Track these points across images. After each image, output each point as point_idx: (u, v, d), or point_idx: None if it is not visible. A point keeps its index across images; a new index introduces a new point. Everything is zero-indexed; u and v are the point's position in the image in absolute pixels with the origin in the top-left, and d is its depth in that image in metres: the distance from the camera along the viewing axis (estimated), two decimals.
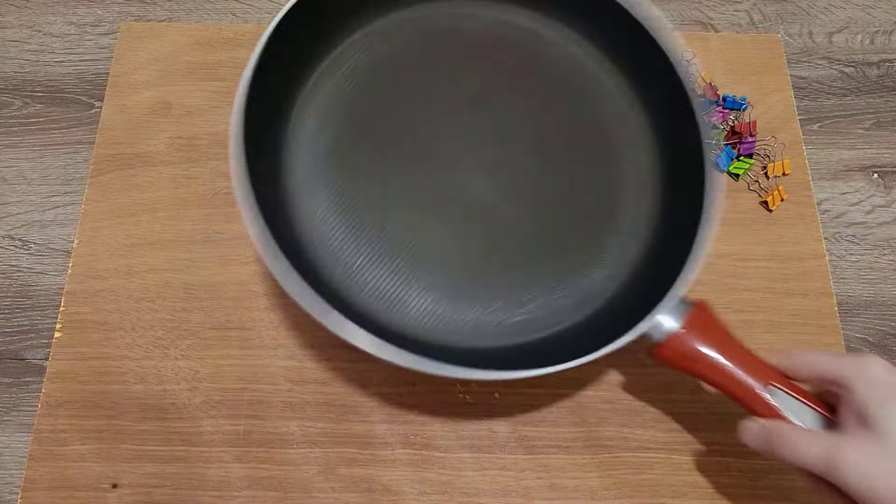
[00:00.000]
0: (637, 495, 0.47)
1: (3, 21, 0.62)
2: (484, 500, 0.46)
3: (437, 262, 0.45)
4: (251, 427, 0.48)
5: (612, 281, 0.46)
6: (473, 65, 0.50)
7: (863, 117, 0.60)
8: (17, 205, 0.55)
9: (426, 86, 0.49)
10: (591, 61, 0.50)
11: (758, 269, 0.53)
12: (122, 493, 0.46)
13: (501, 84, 0.49)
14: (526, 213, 0.47)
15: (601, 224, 0.47)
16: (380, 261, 0.44)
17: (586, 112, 0.49)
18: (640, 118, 0.49)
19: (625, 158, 0.48)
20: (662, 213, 0.47)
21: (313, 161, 0.46)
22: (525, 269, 0.45)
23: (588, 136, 0.49)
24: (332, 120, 0.47)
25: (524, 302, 0.45)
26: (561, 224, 0.47)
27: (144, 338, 0.50)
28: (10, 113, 0.58)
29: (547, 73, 0.50)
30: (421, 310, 0.44)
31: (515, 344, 0.45)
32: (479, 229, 0.46)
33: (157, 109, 0.57)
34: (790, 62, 0.62)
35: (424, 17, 0.50)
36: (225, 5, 0.63)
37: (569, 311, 0.45)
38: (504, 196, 0.47)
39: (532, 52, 0.51)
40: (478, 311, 0.45)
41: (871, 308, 0.54)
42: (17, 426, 0.49)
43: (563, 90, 0.50)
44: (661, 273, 0.43)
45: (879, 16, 0.65)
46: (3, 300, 0.52)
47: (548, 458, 0.48)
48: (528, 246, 0.46)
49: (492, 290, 0.45)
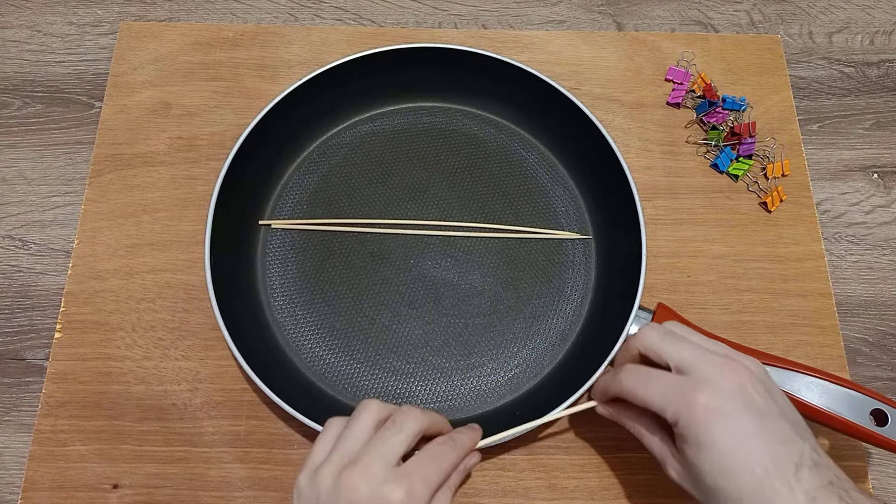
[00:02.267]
0: (637, 495, 0.47)
1: (3, 21, 0.62)
2: (484, 500, 0.47)
3: (425, 349, 0.49)
4: (252, 428, 0.48)
5: (579, 311, 0.51)
6: (407, 159, 0.55)
7: (863, 117, 0.60)
8: (17, 205, 0.55)
9: (368, 191, 0.54)
10: (484, 124, 0.56)
11: (757, 269, 0.53)
12: (123, 494, 0.46)
13: (434, 171, 0.55)
14: (487, 280, 0.51)
15: (555, 266, 0.52)
16: (374, 366, 0.49)
17: (508, 170, 0.55)
18: (559, 167, 0.55)
19: (557, 200, 0.54)
20: (604, 240, 0.52)
21: (288, 293, 0.50)
22: (500, 330, 0.50)
23: (519, 190, 0.54)
24: (293, 251, 0.52)
25: (509, 357, 0.49)
26: (519, 278, 0.51)
27: (145, 338, 0.50)
28: (10, 113, 0.58)
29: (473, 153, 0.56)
30: (425, 396, 0.48)
31: (517, 397, 0.48)
32: (451, 307, 0.50)
33: (157, 109, 0.57)
34: (790, 62, 0.62)
35: (348, 127, 0.56)
36: (225, 5, 0.63)
37: (550, 353, 0.49)
38: (462, 270, 0.51)
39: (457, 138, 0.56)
40: (473, 380, 0.49)
41: (870, 308, 0.54)
42: (18, 426, 0.49)
43: (482, 159, 0.55)
44: (615, 291, 0.48)
45: (879, 16, 0.65)
46: (3, 300, 0.52)
47: (547, 459, 0.48)
48: (497, 308, 0.50)
49: (478, 357, 0.49)
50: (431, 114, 0.57)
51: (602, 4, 0.64)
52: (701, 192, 0.56)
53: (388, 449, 0.34)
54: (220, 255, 0.47)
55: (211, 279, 0.45)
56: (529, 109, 0.55)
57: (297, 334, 0.49)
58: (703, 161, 0.57)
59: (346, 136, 0.56)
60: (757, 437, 0.35)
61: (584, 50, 0.61)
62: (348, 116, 0.56)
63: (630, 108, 0.58)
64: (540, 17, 0.64)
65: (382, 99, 0.56)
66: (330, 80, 0.52)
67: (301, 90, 0.51)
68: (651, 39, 0.61)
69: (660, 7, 0.64)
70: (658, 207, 0.55)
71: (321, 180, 0.54)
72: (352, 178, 0.54)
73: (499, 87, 0.54)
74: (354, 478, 0.33)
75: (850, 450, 0.48)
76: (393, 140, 0.56)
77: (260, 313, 0.50)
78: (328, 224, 0.52)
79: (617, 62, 0.60)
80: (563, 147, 0.55)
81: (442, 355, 0.49)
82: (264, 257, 0.52)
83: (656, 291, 0.52)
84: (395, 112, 0.57)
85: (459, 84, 0.55)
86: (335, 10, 0.63)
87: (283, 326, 0.50)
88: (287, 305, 0.50)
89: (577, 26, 0.63)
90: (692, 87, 0.59)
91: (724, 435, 0.35)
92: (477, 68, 0.53)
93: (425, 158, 0.55)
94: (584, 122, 0.51)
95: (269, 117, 0.50)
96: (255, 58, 0.59)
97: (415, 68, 0.54)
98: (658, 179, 0.56)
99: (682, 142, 0.57)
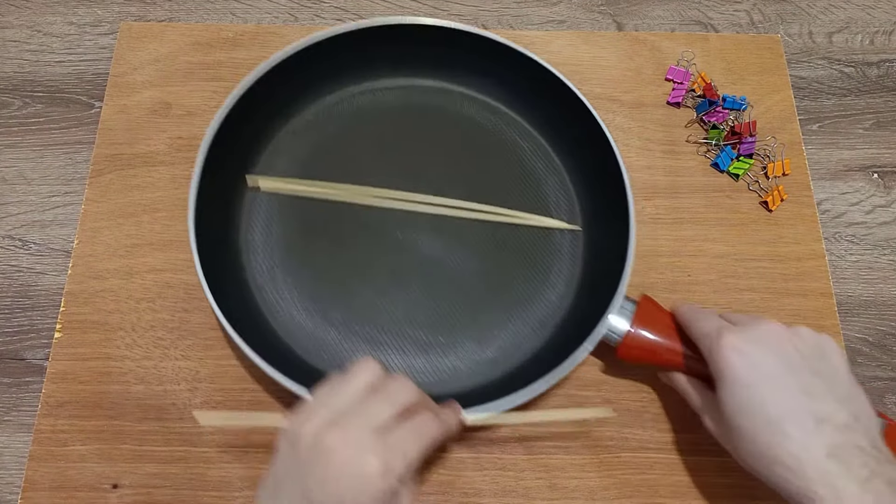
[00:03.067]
0: (637, 495, 0.47)
1: (3, 21, 0.62)
2: (484, 500, 0.47)
3: (405, 323, 0.49)
4: (251, 427, 0.48)
5: (563, 300, 0.51)
6: (400, 134, 0.55)
7: (863, 117, 0.60)
8: (17, 205, 0.55)
9: (360, 162, 0.54)
10: (481, 108, 0.56)
11: (757, 269, 0.53)
12: (123, 494, 0.46)
13: (430, 149, 0.55)
14: (473, 260, 0.51)
15: (542, 253, 0.52)
16: (350, 334, 0.49)
17: (503, 155, 0.55)
18: (549, 148, 0.55)
19: (549, 189, 0.54)
20: (593, 232, 0.52)
21: (270, 256, 0.51)
22: (483, 310, 0.50)
23: (511, 176, 0.54)
24: (279, 216, 0.52)
25: (490, 338, 0.49)
26: (506, 261, 0.52)
27: (145, 338, 0.50)
28: (10, 113, 0.58)
29: (464, 134, 0.56)
30: (402, 370, 0.48)
31: (495, 378, 0.48)
32: (435, 284, 0.50)
33: (157, 109, 0.57)
34: (790, 62, 0.62)
35: (346, 98, 0.56)
36: (225, 5, 0.63)
37: (530, 338, 0.50)
38: (449, 249, 0.51)
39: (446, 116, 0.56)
40: (452, 357, 0.49)
41: (870, 308, 0.54)
42: (18, 426, 0.49)
43: (478, 142, 0.55)
44: (600, 281, 0.48)
45: (879, 16, 0.65)
46: (3, 300, 0.52)
47: (548, 458, 0.48)
48: (481, 289, 0.50)
49: (459, 335, 0.49)
50: (432, 93, 0.57)
51: (602, 4, 0.64)
52: (701, 191, 0.56)
53: (373, 416, 0.34)
54: (206, 211, 0.46)
55: (194, 228, 0.45)
56: (529, 97, 0.55)
57: (275, 296, 0.49)
58: (704, 160, 0.57)
59: (346, 106, 0.56)
60: (779, 382, 0.37)
61: (584, 50, 0.61)
62: (350, 86, 0.56)
63: (630, 108, 0.58)
64: (540, 17, 0.64)
65: (385, 73, 0.56)
66: (332, 47, 0.52)
67: (303, 53, 0.51)
68: (651, 39, 0.61)
69: (660, 7, 0.64)
70: (658, 207, 0.55)
71: (316, 146, 0.54)
72: (348, 146, 0.54)
73: (499, 71, 0.54)
74: (335, 439, 0.33)
75: None
76: (392, 114, 0.56)
77: (240, 272, 0.50)
78: (319, 187, 0.52)
79: (617, 62, 0.60)
80: (559, 137, 0.55)
81: (421, 330, 0.49)
82: (250, 216, 0.52)
83: (656, 291, 0.52)
84: (396, 88, 0.57)
85: (462, 66, 0.55)
86: (335, 10, 0.63)
87: (262, 287, 0.50)
88: (268, 267, 0.50)
89: (577, 26, 0.63)
90: (692, 87, 0.59)
91: (747, 373, 0.37)
92: (475, 49, 0.53)
93: (422, 135, 0.55)
94: (581, 112, 0.51)
95: (269, 76, 0.50)
96: (255, 58, 0.59)
97: (418, 46, 0.54)
98: (658, 179, 0.56)
99: (683, 141, 0.57)
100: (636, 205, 0.55)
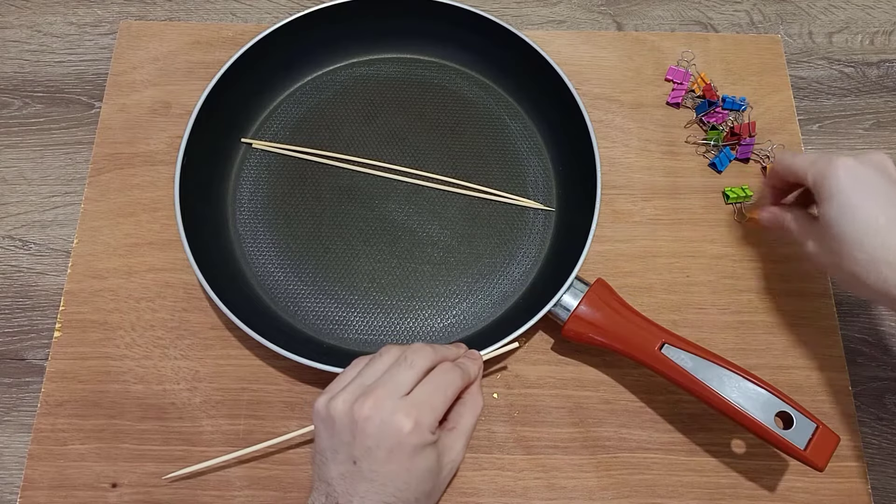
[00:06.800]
0: (635, 495, 0.47)
1: (3, 21, 0.62)
2: (482, 499, 0.47)
3: (370, 284, 0.52)
4: (251, 427, 0.48)
5: (527, 277, 0.52)
6: (386, 106, 0.57)
7: (863, 117, 0.60)
8: (17, 205, 0.55)
9: (347, 130, 0.56)
10: (475, 86, 0.58)
11: (756, 269, 0.53)
12: (122, 493, 0.46)
13: (417, 121, 0.57)
14: (445, 232, 0.53)
15: (513, 230, 0.53)
16: (319, 290, 0.51)
17: (489, 133, 0.56)
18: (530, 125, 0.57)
19: (529, 169, 0.55)
20: (565, 215, 0.54)
21: (254, 210, 0.53)
22: (446, 280, 0.52)
23: (494, 153, 0.56)
24: (267, 172, 0.55)
25: (449, 307, 0.51)
26: (476, 235, 0.53)
27: (144, 338, 0.50)
28: (10, 113, 0.58)
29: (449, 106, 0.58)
30: (361, 326, 0.51)
31: None
32: (403, 251, 0.53)
33: (156, 109, 0.57)
34: (790, 62, 0.62)
35: (345, 68, 0.58)
36: (225, 5, 0.63)
37: (489, 310, 0.51)
38: (422, 219, 0.53)
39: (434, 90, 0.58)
40: (410, 320, 0.51)
41: (870, 308, 0.54)
42: (18, 426, 0.49)
43: (467, 118, 0.57)
44: (563, 263, 0.49)
45: (879, 16, 0.65)
46: (3, 300, 0.52)
47: (546, 459, 0.48)
48: (449, 260, 0.52)
49: (419, 301, 0.51)
50: (426, 67, 0.59)
51: (602, 4, 0.64)
52: (700, 191, 0.56)
53: (398, 383, 0.37)
54: (197, 162, 0.50)
55: (179, 180, 0.48)
56: (519, 78, 0.57)
57: (254, 249, 0.52)
58: (703, 161, 0.57)
59: (341, 75, 0.58)
60: (888, 196, 0.41)
61: (583, 50, 0.61)
62: (347, 56, 0.58)
63: (630, 108, 0.58)
64: (540, 17, 0.64)
65: (382, 46, 0.58)
66: (329, 16, 0.54)
67: (301, 21, 0.53)
68: (651, 39, 0.61)
69: (660, 7, 0.64)
70: (657, 207, 0.55)
71: (308, 112, 0.57)
72: (338, 114, 0.57)
73: (490, 49, 0.56)
74: (367, 408, 0.36)
75: (849, 449, 0.48)
76: (384, 86, 0.58)
77: (223, 225, 0.53)
78: (306, 153, 0.55)
79: (617, 62, 0.60)
80: (545, 120, 0.56)
81: (385, 293, 0.51)
82: (239, 173, 0.54)
83: (655, 292, 0.52)
84: (392, 60, 0.59)
85: (456, 42, 0.57)
86: None
87: (242, 239, 0.52)
88: (250, 221, 0.53)
89: (577, 26, 0.63)
90: (692, 87, 0.59)
91: (855, 186, 0.41)
92: (469, 26, 0.55)
93: (411, 108, 0.57)
94: (566, 97, 0.52)
95: (264, 43, 0.53)
96: None
97: (415, 19, 0.56)
98: (657, 179, 0.56)
99: (682, 142, 0.57)
100: (635, 205, 0.55)
